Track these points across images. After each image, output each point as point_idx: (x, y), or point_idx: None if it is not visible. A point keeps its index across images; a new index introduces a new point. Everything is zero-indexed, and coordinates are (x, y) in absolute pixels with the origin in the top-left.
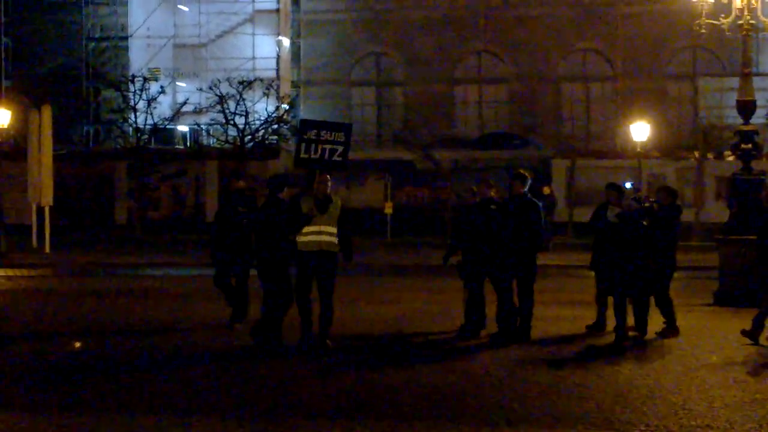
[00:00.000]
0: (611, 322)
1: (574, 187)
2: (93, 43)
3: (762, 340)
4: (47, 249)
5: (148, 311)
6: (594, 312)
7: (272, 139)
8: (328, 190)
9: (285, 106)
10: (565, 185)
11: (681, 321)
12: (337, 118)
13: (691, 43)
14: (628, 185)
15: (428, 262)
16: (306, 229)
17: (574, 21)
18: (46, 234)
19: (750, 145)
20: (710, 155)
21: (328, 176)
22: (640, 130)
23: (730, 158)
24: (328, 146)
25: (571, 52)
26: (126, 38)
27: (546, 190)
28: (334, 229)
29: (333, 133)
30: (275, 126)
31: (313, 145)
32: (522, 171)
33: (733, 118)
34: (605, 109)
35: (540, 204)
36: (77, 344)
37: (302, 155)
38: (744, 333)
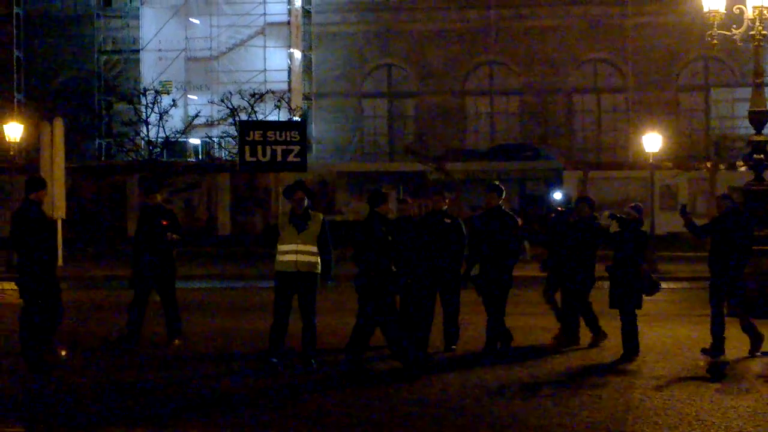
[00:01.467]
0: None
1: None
2: (105, 57)
3: None
4: (60, 262)
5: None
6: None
7: None
8: (305, 205)
9: (297, 118)
10: (577, 196)
11: (695, 331)
12: (348, 130)
13: (703, 54)
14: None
15: None
16: (282, 248)
17: (586, 32)
18: (58, 247)
19: (762, 156)
20: (722, 166)
21: (302, 194)
22: (652, 141)
23: (743, 168)
24: (279, 147)
25: (582, 63)
26: (138, 51)
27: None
28: (313, 248)
29: (283, 133)
30: None
31: (260, 147)
32: (497, 183)
33: (746, 129)
34: (617, 120)
35: (515, 217)
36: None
37: (248, 158)
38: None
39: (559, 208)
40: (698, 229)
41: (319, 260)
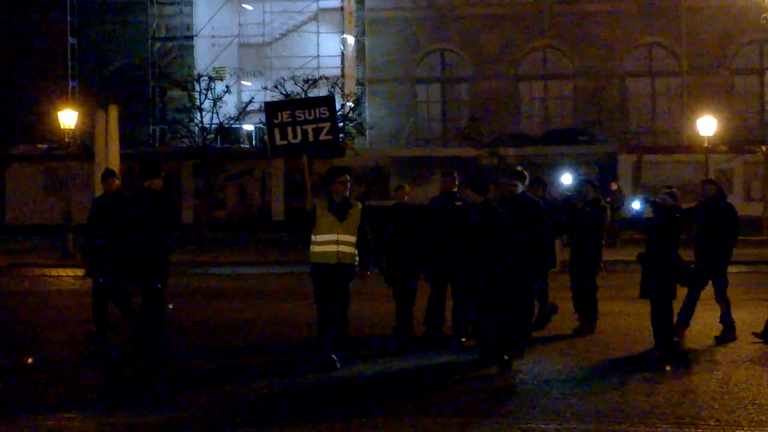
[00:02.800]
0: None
1: (641, 183)
2: (159, 43)
3: None
4: None
5: (213, 309)
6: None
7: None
8: (347, 193)
9: (350, 104)
10: (632, 181)
11: (750, 316)
12: (402, 116)
13: (758, 37)
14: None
15: None
16: (320, 238)
17: (639, 15)
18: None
19: None
20: None
21: (347, 177)
22: (707, 125)
23: None
24: (310, 126)
25: (636, 46)
26: (191, 38)
27: (613, 186)
28: (353, 238)
29: (312, 110)
30: (340, 124)
31: (290, 129)
32: (519, 168)
33: None
34: (671, 104)
35: (541, 203)
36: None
37: (279, 142)
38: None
39: (568, 193)
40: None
41: (356, 252)
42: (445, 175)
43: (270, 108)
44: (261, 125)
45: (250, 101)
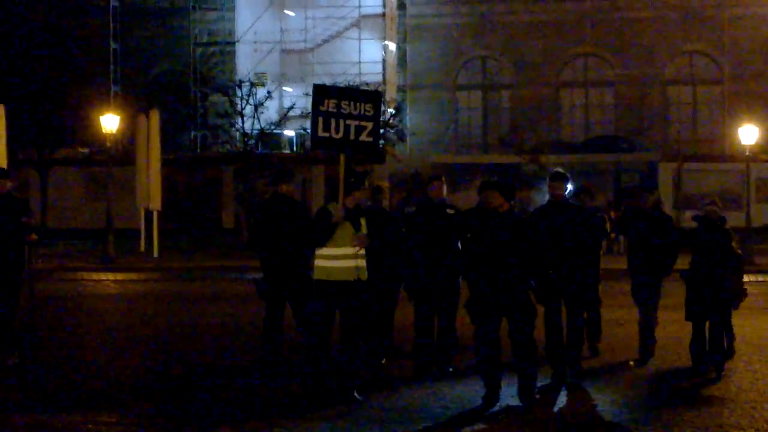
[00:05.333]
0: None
1: (681, 191)
2: (200, 48)
3: None
4: (155, 253)
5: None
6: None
7: (378, 144)
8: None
9: (391, 110)
10: (672, 189)
11: None
12: (443, 122)
13: None
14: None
15: None
16: (335, 251)
17: (681, 23)
18: (154, 238)
19: None
20: None
21: (367, 183)
22: (749, 133)
23: None
24: (353, 122)
25: (678, 54)
26: (233, 43)
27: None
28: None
29: (357, 105)
30: (381, 130)
31: (333, 120)
32: (561, 170)
33: None
34: (713, 112)
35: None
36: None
37: (321, 133)
38: None
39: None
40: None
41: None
42: (434, 178)
43: (318, 91)
44: (302, 131)
45: (292, 107)
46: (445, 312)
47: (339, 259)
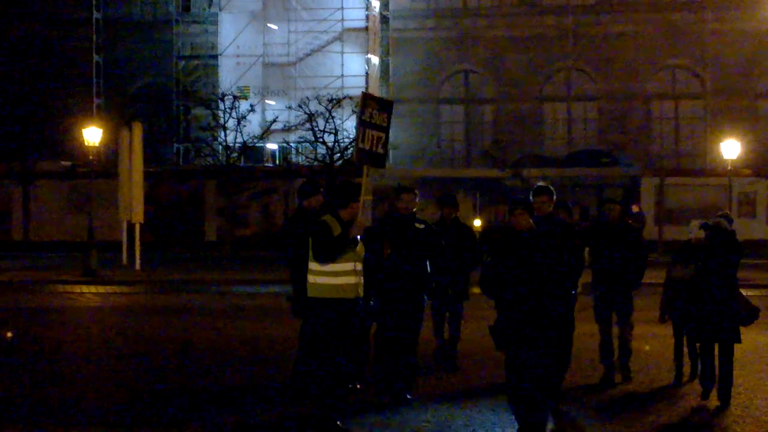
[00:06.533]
0: None
1: (664, 206)
2: (183, 62)
3: None
4: (137, 266)
5: (231, 328)
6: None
7: None
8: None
9: None
10: (654, 203)
11: None
12: (425, 136)
13: None
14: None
15: None
16: (336, 267)
17: (664, 38)
18: (136, 251)
19: None
20: None
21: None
22: (731, 148)
23: None
24: (375, 134)
25: (660, 69)
26: (216, 57)
27: (635, 208)
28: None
29: (380, 114)
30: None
31: (365, 131)
32: (545, 184)
33: None
34: (695, 127)
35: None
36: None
37: (360, 145)
38: None
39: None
40: None
41: None
42: (404, 190)
43: (366, 99)
44: (285, 144)
45: (274, 120)
46: (407, 332)
47: (340, 275)
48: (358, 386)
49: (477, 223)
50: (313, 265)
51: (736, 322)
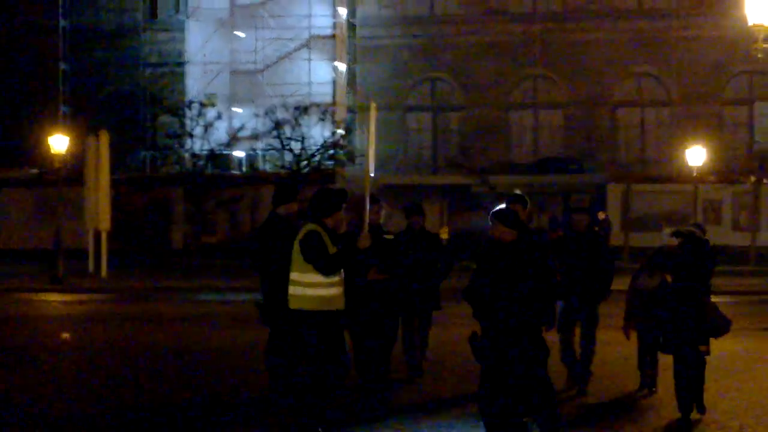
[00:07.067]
0: None
1: (630, 212)
2: (150, 69)
3: None
4: (104, 273)
5: (199, 336)
6: None
7: (328, 164)
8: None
9: (340, 131)
10: (621, 210)
11: (738, 345)
12: (392, 143)
13: (748, 68)
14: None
15: None
16: (331, 278)
17: (631, 45)
18: (102, 259)
19: None
20: (766, 180)
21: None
22: (696, 155)
23: None
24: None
25: (626, 76)
26: (183, 64)
27: (601, 215)
28: None
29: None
30: (331, 151)
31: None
32: (519, 192)
33: None
34: (661, 134)
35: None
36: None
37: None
38: None
39: None
40: None
41: None
42: (372, 202)
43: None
44: (252, 152)
45: (241, 128)
46: (381, 342)
47: (330, 286)
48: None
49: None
50: (300, 276)
51: (707, 333)
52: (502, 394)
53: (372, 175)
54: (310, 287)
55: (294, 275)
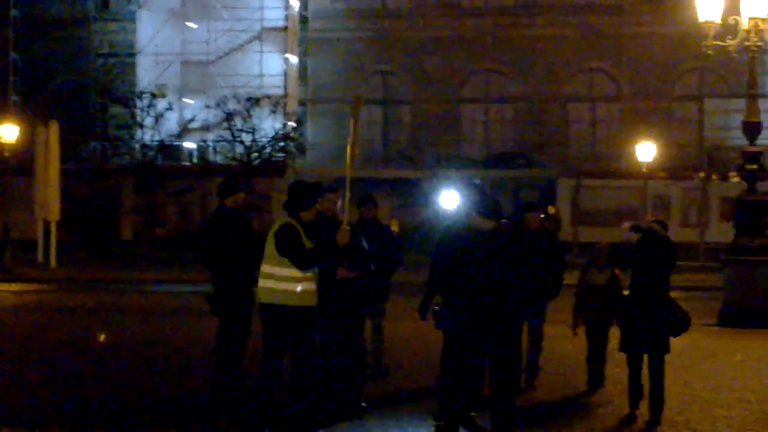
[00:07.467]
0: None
1: (580, 207)
2: (101, 60)
3: None
4: (53, 264)
5: (147, 327)
6: None
7: (279, 157)
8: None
9: (292, 123)
10: (570, 205)
11: (685, 341)
12: (343, 136)
13: (698, 65)
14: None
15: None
16: (303, 273)
17: (582, 41)
18: (51, 249)
19: (755, 166)
20: (715, 176)
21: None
22: (646, 151)
23: (735, 179)
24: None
25: (578, 72)
26: (134, 55)
27: (551, 210)
28: None
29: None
30: (282, 143)
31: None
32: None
33: (739, 140)
34: (612, 129)
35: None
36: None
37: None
38: None
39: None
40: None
41: None
42: (328, 190)
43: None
44: (203, 143)
45: (192, 119)
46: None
47: (307, 281)
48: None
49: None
50: (272, 269)
51: (667, 332)
52: (460, 366)
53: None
54: (282, 281)
55: (266, 268)
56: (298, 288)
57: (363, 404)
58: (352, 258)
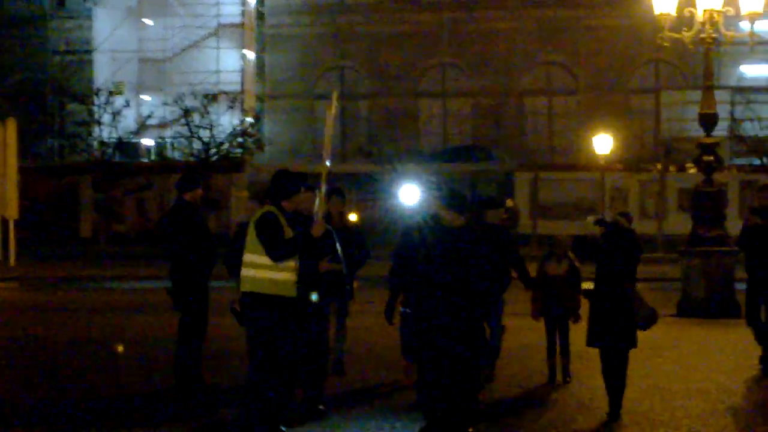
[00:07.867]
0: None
1: (537, 200)
2: (58, 57)
3: None
4: (12, 262)
5: (108, 324)
6: None
7: (237, 152)
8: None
9: (249, 119)
10: (528, 198)
11: (644, 332)
12: (301, 132)
13: (654, 57)
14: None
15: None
16: (289, 263)
17: (538, 34)
18: (10, 247)
19: (712, 158)
20: (672, 168)
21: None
22: (603, 143)
23: (692, 170)
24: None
25: (534, 65)
26: (91, 52)
27: (509, 203)
28: None
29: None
30: (240, 139)
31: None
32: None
33: (695, 131)
34: (569, 122)
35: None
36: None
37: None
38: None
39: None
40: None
41: None
42: (308, 189)
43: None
44: (160, 140)
45: (149, 116)
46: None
47: (283, 271)
48: (321, 407)
49: (353, 217)
50: (252, 257)
51: (633, 326)
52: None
53: (328, 164)
54: (262, 269)
55: (247, 257)
56: (275, 276)
57: (321, 407)
58: (325, 250)
